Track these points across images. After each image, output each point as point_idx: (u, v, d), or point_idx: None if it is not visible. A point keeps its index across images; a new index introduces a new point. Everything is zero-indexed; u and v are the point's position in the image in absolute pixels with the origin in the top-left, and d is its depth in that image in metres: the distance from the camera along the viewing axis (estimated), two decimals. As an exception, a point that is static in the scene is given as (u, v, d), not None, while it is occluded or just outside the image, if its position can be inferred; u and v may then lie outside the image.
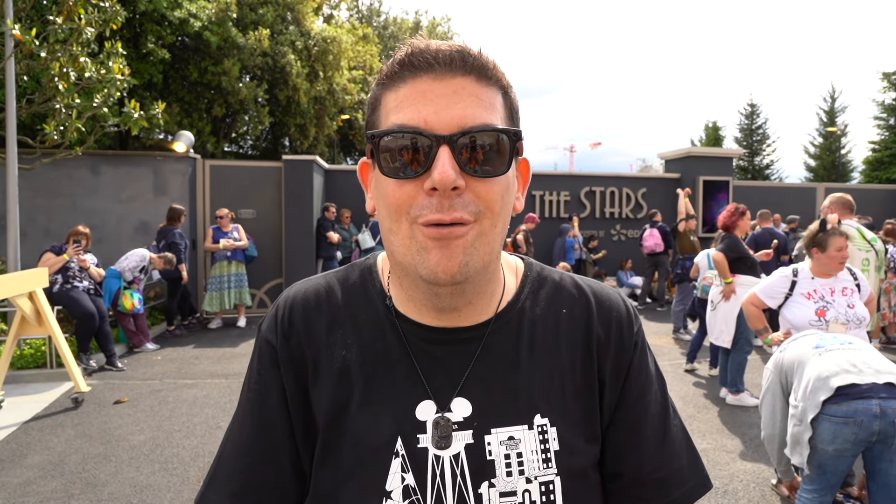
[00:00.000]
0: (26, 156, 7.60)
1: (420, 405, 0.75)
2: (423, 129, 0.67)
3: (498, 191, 0.70)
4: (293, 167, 9.86)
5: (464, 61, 0.69)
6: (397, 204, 0.69)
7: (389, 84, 0.72)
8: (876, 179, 27.59)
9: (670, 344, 7.96)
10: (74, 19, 6.50)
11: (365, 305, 0.82)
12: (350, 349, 0.79)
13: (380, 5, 27.20)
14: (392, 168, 0.69)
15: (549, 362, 0.79)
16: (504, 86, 0.73)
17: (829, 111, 34.16)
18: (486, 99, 0.70)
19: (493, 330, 0.79)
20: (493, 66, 0.72)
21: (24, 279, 5.17)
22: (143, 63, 10.62)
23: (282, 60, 13.21)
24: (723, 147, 35.02)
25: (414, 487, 0.72)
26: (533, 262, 0.90)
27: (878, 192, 14.19)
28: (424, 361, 0.77)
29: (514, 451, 0.74)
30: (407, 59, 0.70)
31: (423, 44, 0.70)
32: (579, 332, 0.82)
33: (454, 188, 0.66)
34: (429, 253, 0.68)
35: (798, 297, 3.48)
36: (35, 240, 8.81)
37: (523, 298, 0.83)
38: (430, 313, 0.78)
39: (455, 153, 0.67)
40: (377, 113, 0.74)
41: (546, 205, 11.66)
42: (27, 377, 6.06)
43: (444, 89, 0.68)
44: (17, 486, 3.74)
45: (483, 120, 0.68)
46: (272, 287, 10.24)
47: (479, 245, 0.70)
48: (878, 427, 2.50)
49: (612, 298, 0.87)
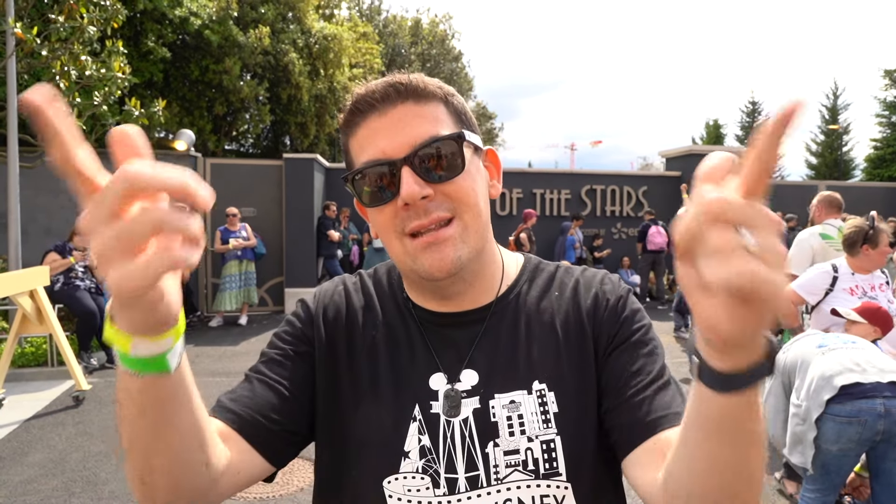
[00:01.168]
0: (27, 154, 7.60)
1: (433, 377, 0.85)
2: (382, 158, 0.79)
3: (466, 186, 0.81)
4: (294, 165, 9.86)
5: (398, 92, 0.80)
6: (385, 225, 0.82)
7: (349, 131, 0.85)
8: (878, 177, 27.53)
9: (671, 343, 7.96)
10: (76, 18, 6.50)
11: (390, 297, 0.95)
12: (378, 329, 0.91)
13: (380, 3, 27.18)
14: (371, 198, 0.81)
15: (546, 337, 0.88)
16: (442, 97, 0.83)
17: (832, 108, 34.11)
18: (427, 115, 0.81)
19: (495, 312, 0.90)
20: (424, 84, 0.82)
21: (26, 277, 5.18)
22: (144, 61, 10.61)
23: (284, 59, 13.21)
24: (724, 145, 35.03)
25: (429, 448, 0.81)
26: (532, 257, 1.01)
27: (879, 190, 14.18)
28: (436, 341, 0.88)
29: (514, 413, 0.82)
30: (354, 107, 0.82)
31: (363, 89, 0.82)
32: (570, 307, 0.90)
33: (424, 197, 0.77)
34: (423, 258, 0.79)
35: (840, 293, 3.40)
36: (36, 238, 8.81)
37: (521, 284, 0.94)
38: (437, 302, 0.90)
39: (415, 169, 0.78)
40: (349, 158, 0.86)
41: (547, 203, 11.65)
42: (28, 375, 6.07)
43: (389, 121, 0.80)
44: (19, 483, 3.75)
45: (429, 134, 0.79)
46: (273, 285, 10.25)
47: (467, 237, 0.81)
48: (883, 426, 2.48)
49: (597, 273, 0.96)
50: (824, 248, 4.28)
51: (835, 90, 34.42)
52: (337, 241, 9.78)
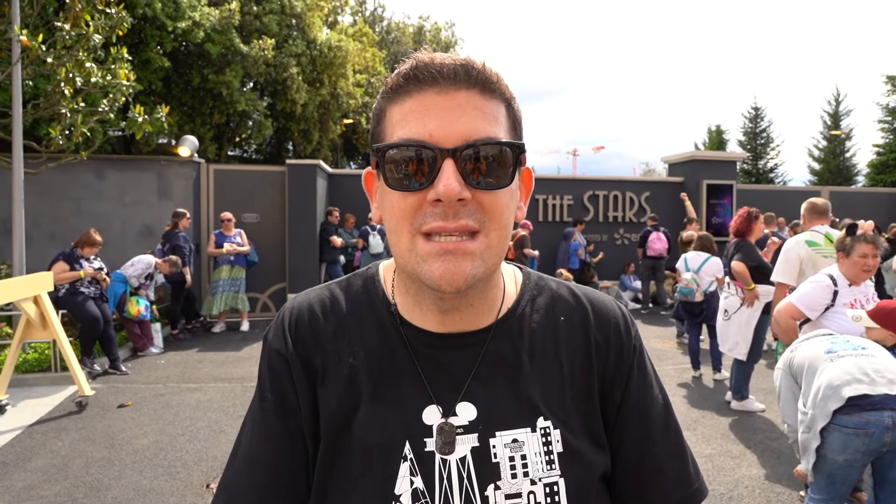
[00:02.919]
0: (32, 160, 7.63)
1: (426, 410, 0.76)
2: (427, 142, 0.68)
3: (503, 202, 0.72)
4: (296, 171, 9.88)
5: (468, 75, 0.70)
6: (401, 215, 0.71)
7: (394, 97, 0.73)
8: (881, 183, 27.50)
9: (673, 348, 7.94)
10: (81, 25, 6.55)
11: (370, 313, 0.83)
12: (357, 356, 0.80)
13: (382, 10, 27.28)
14: (397, 180, 0.71)
15: (549, 368, 0.81)
16: (507, 98, 0.74)
17: (834, 114, 34.08)
18: (489, 112, 0.71)
19: (494, 336, 0.81)
20: (496, 78, 0.73)
21: (30, 283, 5.19)
22: (143, 70, 10.65)
23: (283, 73, 13.23)
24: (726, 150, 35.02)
25: (423, 491, 0.73)
26: (531, 272, 0.92)
27: (883, 196, 14.14)
28: (428, 367, 0.78)
29: (518, 453, 0.75)
30: (412, 73, 0.71)
31: (428, 57, 0.71)
32: (578, 339, 0.84)
33: (460, 199, 0.68)
34: (434, 265, 0.70)
35: (841, 308, 3.35)
36: (40, 243, 8.84)
37: (523, 305, 0.85)
38: (434, 318, 0.79)
39: (459, 166, 0.68)
40: (382, 125, 0.75)
41: (549, 209, 11.66)
42: (31, 381, 6.07)
43: (448, 103, 0.69)
44: (21, 489, 3.75)
45: (487, 133, 0.70)
46: (275, 291, 10.26)
47: (487, 257, 0.72)
48: (890, 438, 2.46)
49: (608, 305, 0.89)
50: (811, 255, 4.27)
51: (837, 96, 34.40)
52: (340, 246, 9.79)
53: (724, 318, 5.47)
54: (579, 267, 10.75)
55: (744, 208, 5.48)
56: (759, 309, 5.16)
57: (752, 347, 5.19)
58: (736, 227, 5.44)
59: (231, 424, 4.92)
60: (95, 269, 6.60)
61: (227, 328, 9.15)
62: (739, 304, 5.28)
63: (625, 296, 11.44)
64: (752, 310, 5.16)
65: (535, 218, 11.37)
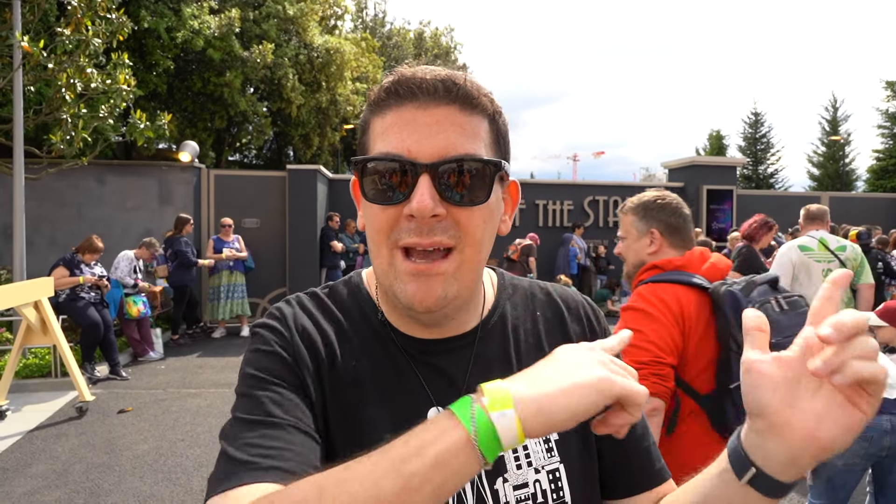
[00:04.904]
0: (33, 165, 7.66)
1: (430, 413, 0.77)
2: (404, 156, 0.69)
3: (479, 218, 0.72)
4: (297, 177, 9.89)
5: (447, 91, 0.70)
6: (379, 228, 0.72)
7: (377, 110, 0.74)
8: (881, 188, 27.51)
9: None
10: (82, 31, 6.57)
11: (360, 320, 0.83)
12: (360, 360, 0.79)
13: (384, 16, 27.37)
14: (375, 193, 0.72)
15: (535, 362, 0.81)
16: (490, 113, 0.74)
17: (832, 120, 34.18)
18: (469, 128, 0.71)
19: (481, 336, 0.83)
20: (478, 94, 0.73)
21: (30, 288, 5.20)
22: (149, 73, 10.69)
23: (278, 73, 13.28)
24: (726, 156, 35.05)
25: None
26: (504, 272, 0.95)
27: (882, 201, 14.14)
28: (425, 371, 0.79)
29: (520, 444, 0.76)
30: (392, 88, 0.72)
31: (410, 72, 0.72)
32: (557, 332, 0.88)
33: (434, 215, 0.69)
34: (407, 284, 0.71)
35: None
36: (41, 249, 8.85)
37: (502, 305, 0.88)
38: (419, 327, 0.81)
39: (435, 181, 0.69)
40: (366, 136, 0.77)
41: (549, 214, 11.65)
42: (32, 386, 6.07)
43: (427, 118, 0.70)
44: (22, 495, 3.74)
45: (465, 149, 0.70)
46: (276, 296, 10.25)
47: (460, 275, 0.72)
48: (889, 442, 2.47)
49: (575, 297, 0.94)
50: (804, 260, 4.28)
51: (835, 102, 34.52)
52: (340, 251, 9.80)
53: None
54: (578, 272, 10.75)
55: (761, 215, 5.39)
56: None
57: None
58: (747, 230, 5.37)
59: (231, 430, 4.91)
60: (97, 276, 6.60)
61: (228, 333, 9.15)
62: None
63: (626, 300, 11.42)
64: None
65: (536, 223, 11.37)
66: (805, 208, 4.63)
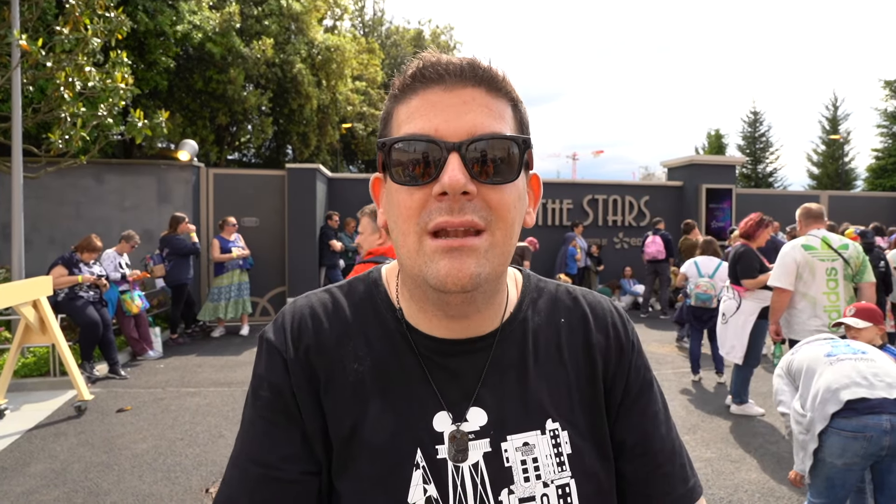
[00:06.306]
0: (31, 164, 7.64)
1: (436, 416, 0.76)
2: (433, 136, 0.68)
3: (510, 199, 0.71)
4: (296, 175, 9.89)
5: (473, 73, 0.70)
6: (407, 212, 0.70)
7: (401, 97, 0.73)
8: (880, 187, 27.51)
9: (674, 352, 7.93)
10: (80, 29, 6.56)
11: (374, 318, 0.81)
12: (363, 362, 0.78)
13: (382, 14, 27.33)
14: (403, 176, 0.70)
15: (555, 371, 0.81)
16: (513, 99, 0.74)
17: (832, 119, 34.14)
18: (495, 109, 0.71)
19: (500, 340, 0.80)
20: (502, 78, 0.73)
21: (29, 287, 5.19)
22: (149, 71, 10.67)
23: (292, 70, 13.27)
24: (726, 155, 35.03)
25: (436, 498, 0.72)
26: (530, 274, 0.92)
27: (882, 200, 14.15)
28: (437, 373, 0.78)
29: (529, 456, 0.76)
30: (418, 72, 0.71)
31: (434, 57, 0.72)
32: (579, 342, 0.85)
33: (465, 192, 0.67)
34: (439, 263, 0.68)
35: None
36: (39, 248, 8.84)
37: (525, 308, 0.85)
38: (440, 323, 0.78)
39: (465, 160, 0.68)
40: (389, 125, 0.75)
41: (549, 213, 11.67)
42: (31, 385, 6.06)
43: (454, 99, 0.70)
44: (20, 494, 3.74)
45: (493, 129, 0.70)
46: (275, 295, 10.25)
47: (492, 256, 0.70)
48: (888, 442, 2.46)
49: (604, 304, 0.91)
50: (808, 259, 4.28)
51: (835, 101, 34.47)
52: (339, 250, 9.80)
53: (721, 321, 5.51)
54: (577, 272, 10.74)
55: (757, 213, 5.47)
56: (755, 313, 5.19)
57: (750, 351, 5.21)
58: (745, 229, 5.42)
59: (230, 429, 4.91)
60: (96, 275, 6.60)
61: (227, 332, 9.14)
62: (736, 308, 5.31)
63: (624, 300, 11.43)
64: (748, 314, 5.19)
65: (535, 222, 11.33)
66: (804, 207, 4.63)
